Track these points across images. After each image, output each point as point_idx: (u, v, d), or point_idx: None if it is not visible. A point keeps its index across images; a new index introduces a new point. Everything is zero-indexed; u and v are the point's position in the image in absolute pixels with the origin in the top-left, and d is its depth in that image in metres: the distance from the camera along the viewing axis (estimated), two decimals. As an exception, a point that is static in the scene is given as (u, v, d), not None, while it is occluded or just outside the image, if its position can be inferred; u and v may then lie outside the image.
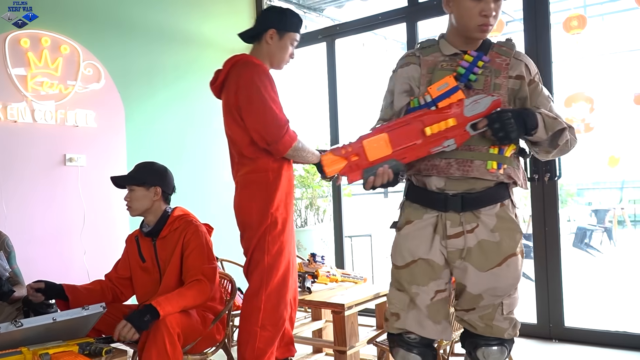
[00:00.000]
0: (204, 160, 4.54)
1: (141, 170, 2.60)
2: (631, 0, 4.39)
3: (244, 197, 2.51)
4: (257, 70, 2.43)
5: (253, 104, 2.39)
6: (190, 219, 2.58)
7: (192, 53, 4.51)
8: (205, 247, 2.48)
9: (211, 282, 2.41)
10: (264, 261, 2.46)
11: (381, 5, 5.28)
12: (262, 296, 2.45)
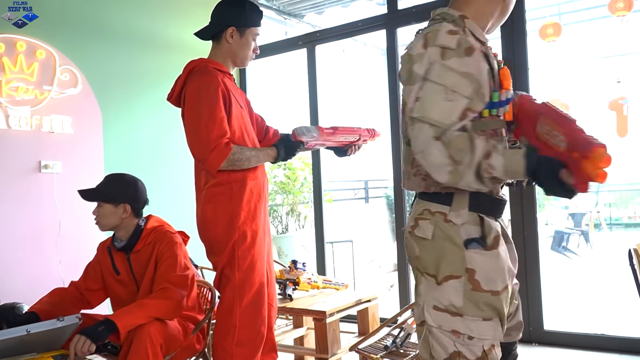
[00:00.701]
0: (183, 167, 4.48)
1: (110, 185, 2.49)
2: (604, 9, 4.47)
3: (208, 212, 2.36)
4: (204, 82, 2.29)
5: (190, 122, 2.29)
6: (164, 229, 2.51)
7: (172, 59, 4.47)
8: (177, 257, 2.41)
9: (181, 289, 2.34)
10: (235, 277, 2.33)
11: (361, 12, 5.32)
12: (237, 313, 2.34)
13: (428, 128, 1.48)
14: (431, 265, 1.58)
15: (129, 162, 4.07)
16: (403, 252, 4.28)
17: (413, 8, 4.23)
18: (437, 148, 1.47)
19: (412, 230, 1.62)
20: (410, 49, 1.59)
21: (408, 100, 1.55)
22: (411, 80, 1.54)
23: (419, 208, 1.63)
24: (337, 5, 5.49)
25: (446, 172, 1.47)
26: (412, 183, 1.65)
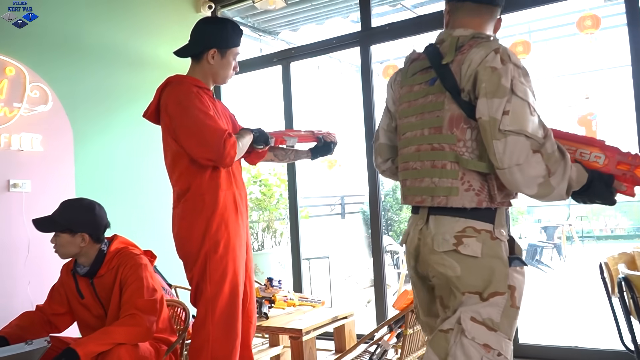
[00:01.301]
0: (157, 185, 4.44)
1: (66, 213, 2.40)
2: (573, 27, 4.59)
3: (183, 227, 2.34)
4: (183, 90, 2.30)
5: (188, 130, 2.25)
6: (128, 252, 2.45)
7: (147, 76, 4.44)
8: (143, 280, 2.35)
9: (149, 314, 2.28)
10: (207, 290, 2.31)
11: (336, 30, 5.36)
12: (209, 327, 2.30)
13: (525, 141, 1.51)
14: (478, 283, 1.58)
15: (101, 180, 4.01)
16: (380, 268, 4.29)
17: (386, 26, 4.29)
18: (536, 160, 1.51)
19: (457, 248, 1.60)
20: (488, 62, 1.58)
21: (491, 113, 1.55)
22: (499, 93, 1.54)
23: (457, 225, 1.62)
24: (311, 22, 5.53)
25: (536, 184, 1.53)
26: (462, 199, 1.62)
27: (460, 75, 1.62)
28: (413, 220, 1.79)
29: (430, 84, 1.71)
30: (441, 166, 1.65)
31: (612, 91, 5.94)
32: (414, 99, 1.77)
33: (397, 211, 9.45)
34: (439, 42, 1.77)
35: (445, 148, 1.65)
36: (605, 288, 2.34)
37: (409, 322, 2.41)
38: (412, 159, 1.75)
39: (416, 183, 1.73)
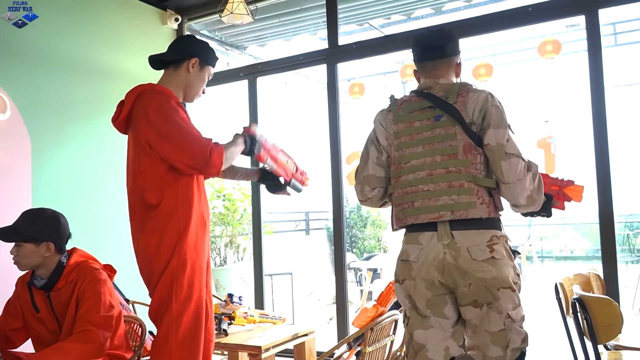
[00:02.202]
0: (117, 198, 4.34)
1: (29, 223, 2.33)
2: (534, 51, 4.72)
3: (153, 242, 2.25)
4: (164, 98, 2.26)
5: (170, 135, 2.19)
6: (87, 265, 2.40)
7: (108, 86, 4.37)
8: (101, 296, 2.30)
9: (104, 330, 2.23)
10: (172, 308, 2.23)
11: (303, 46, 5.39)
12: (173, 346, 2.22)
13: (521, 162, 2.01)
14: (506, 278, 2.00)
15: (59, 191, 3.91)
16: (342, 285, 4.29)
17: (353, 45, 4.34)
18: (529, 177, 2.03)
19: (493, 255, 1.99)
20: (492, 100, 2.08)
21: (498, 140, 2.01)
22: (502, 125, 2.03)
23: (485, 236, 2.01)
24: (279, 38, 5.55)
25: (525, 196, 2.03)
26: (479, 211, 2.01)
27: (465, 112, 2.06)
28: (425, 237, 2.07)
29: (436, 120, 2.10)
30: (459, 185, 2.03)
31: (570, 115, 6.13)
32: (417, 132, 2.13)
33: (361, 228, 9.48)
34: (426, 88, 2.18)
35: (462, 170, 2.04)
36: (560, 308, 2.38)
37: (368, 340, 2.40)
38: (422, 182, 2.08)
39: (430, 202, 2.06)
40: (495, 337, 2.03)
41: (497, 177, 2.04)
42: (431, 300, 2.06)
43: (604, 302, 2.00)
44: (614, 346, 2.57)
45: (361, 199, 2.32)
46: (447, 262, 2.01)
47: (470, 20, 3.95)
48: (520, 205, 2.06)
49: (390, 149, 2.20)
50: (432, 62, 2.21)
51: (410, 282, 2.09)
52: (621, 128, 9.21)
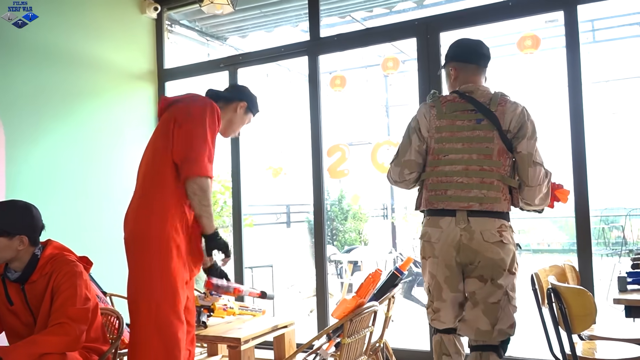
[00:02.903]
0: (94, 189, 4.30)
1: (1, 216, 2.29)
2: (514, 46, 4.75)
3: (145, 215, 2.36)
4: (213, 109, 2.43)
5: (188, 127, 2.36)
6: (63, 258, 2.36)
7: (85, 76, 4.31)
8: (76, 289, 2.27)
9: (80, 323, 2.21)
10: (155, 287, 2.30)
11: (285, 38, 5.36)
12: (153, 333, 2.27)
13: (543, 169, 2.42)
14: (510, 261, 2.37)
15: (33, 183, 3.84)
16: (322, 277, 4.29)
17: (335, 37, 4.33)
18: (546, 183, 2.45)
19: (501, 239, 2.36)
20: (528, 114, 2.45)
21: (529, 149, 2.40)
22: (534, 137, 2.42)
23: (496, 223, 2.38)
24: (260, 29, 5.51)
25: (540, 198, 2.45)
26: (502, 206, 2.40)
27: (503, 121, 2.41)
28: (445, 222, 2.42)
29: (477, 122, 2.43)
30: (489, 182, 2.39)
31: (548, 110, 6.21)
32: (458, 130, 2.46)
33: (342, 221, 9.51)
34: (468, 92, 2.50)
35: (494, 170, 2.40)
36: (535, 299, 2.42)
37: (347, 331, 2.41)
38: (458, 175, 2.43)
39: (462, 193, 2.40)
40: (488, 308, 2.36)
41: (521, 179, 2.43)
42: (449, 278, 2.44)
43: (578, 293, 2.03)
44: (588, 336, 2.62)
45: (397, 180, 2.63)
46: (462, 242, 2.38)
47: (452, 14, 3.97)
48: (533, 204, 2.48)
49: (430, 141, 2.52)
50: (477, 67, 2.55)
51: (434, 259, 2.46)
52: (598, 124, 9.36)
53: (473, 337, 2.42)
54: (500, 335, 2.36)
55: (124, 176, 4.53)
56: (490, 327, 2.34)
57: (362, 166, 5.35)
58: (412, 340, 4.42)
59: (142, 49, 4.83)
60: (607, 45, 8.51)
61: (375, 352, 3.03)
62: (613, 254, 9.35)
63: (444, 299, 2.47)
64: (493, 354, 2.37)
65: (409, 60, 7.20)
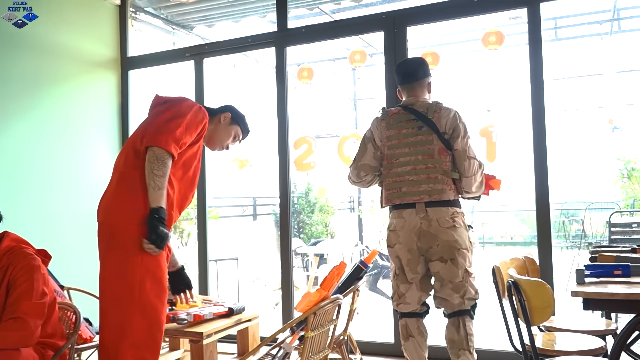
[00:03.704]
0: (56, 180, 4.19)
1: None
2: (479, 42, 4.81)
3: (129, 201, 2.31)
4: (199, 109, 2.46)
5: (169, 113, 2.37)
6: (20, 250, 2.29)
7: (45, 64, 4.18)
8: (33, 282, 2.21)
9: (35, 318, 2.16)
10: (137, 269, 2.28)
11: (253, 28, 5.30)
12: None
13: (476, 162, 2.88)
14: (463, 242, 2.84)
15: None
16: (288, 270, 4.28)
17: (303, 28, 4.30)
18: (480, 173, 2.91)
19: (454, 224, 2.83)
20: (459, 117, 2.91)
21: (463, 146, 2.87)
22: (466, 135, 2.89)
23: (449, 211, 2.84)
24: (227, 19, 5.43)
25: (475, 186, 2.90)
26: (448, 195, 2.86)
27: (439, 124, 2.89)
28: (407, 213, 2.88)
29: (419, 129, 2.92)
30: (434, 177, 2.86)
31: (511, 105, 6.32)
32: (404, 138, 2.94)
33: (309, 214, 9.51)
34: (409, 104, 2.98)
35: (437, 166, 2.87)
36: (496, 291, 2.46)
37: (311, 325, 2.40)
38: (408, 174, 2.90)
39: (413, 189, 2.88)
40: (455, 287, 2.84)
41: (460, 171, 2.88)
42: (411, 260, 2.89)
43: (537, 285, 2.07)
44: (547, 328, 2.68)
45: (356, 181, 3.09)
46: (422, 229, 2.84)
47: (418, 8, 3.99)
48: (471, 191, 2.92)
49: (384, 148, 3.00)
50: (409, 84, 3.02)
51: (399, 245, 2.90)
52: (559, 119, 9.57)
53: (449, 309, 2.89)
54: (469, 302, 2.87)
55: (87, 166, 4.42)
56: (461, 299, 2.85)
57: (329, 159, 5.35)
58: (377, 333, 4.45)
59: (105, 36, 4.71)
60: (569, 43, 8.70)
61: (339, 345, 3.04)
62: (573, 246, 9.59)
63: (410, 281, 2.92)
64: (467, 316, 2.87)
65: (377, 54, 7.22)
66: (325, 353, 2.65)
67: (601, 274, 2.15)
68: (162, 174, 2.29)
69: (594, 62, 9.04)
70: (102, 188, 2.45)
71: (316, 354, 2.54)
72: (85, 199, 4.31)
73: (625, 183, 8.42)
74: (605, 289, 1.99)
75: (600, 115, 9.26)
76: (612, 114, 9.09)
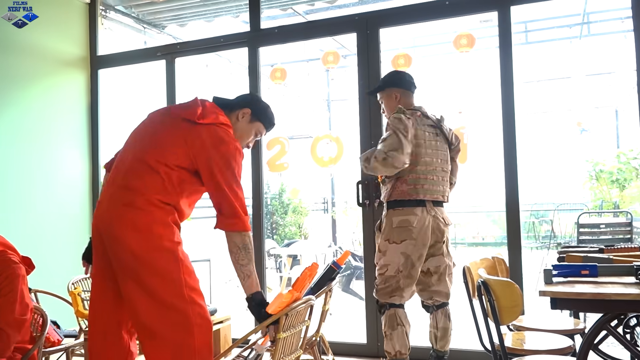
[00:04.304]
0: (23, 180, 4.09)
1: None
2: (450, 45, 4.86)
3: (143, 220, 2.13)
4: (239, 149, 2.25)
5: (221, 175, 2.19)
6: (6, 257, 2.25)
7: (13, 62, 4.08)
8: (17, 294, 2.18)
9: (15, 332, 2.15)
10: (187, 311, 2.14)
11: (226, 28, 5.26)
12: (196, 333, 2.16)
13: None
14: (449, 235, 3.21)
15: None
16: (261, 272, 4.25)
17: (276, 29, 4.29)
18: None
19: (448, 223, 3.14)
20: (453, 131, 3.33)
21: (458, 158, 3.36)
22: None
23: (445, 210, 3.16)
24: (200, 18, 5.38)
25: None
26: (449, 198, 3.23)
27: (448, 136, 3.22)
28: (419, 210, 3.03)
29: (436, 135, 3.16)
30: (447, 180, 3.17)
31: (482, 107, 6.41)
32: (427, 140, 3.12)
33: (282, 215, 9.48)
34: (424, 111, 3.19)
35: (447, 171, 3.18)
36: (466, 291, 2.48)
37: (283, 326, 2.39)
38: (431, 174, 3.08)
39: (434, 187, 3.09)
40: (450, 277, 3.15)
41: (454, 179, 3.29)
42: (422, 256, 3.04)
43: (505, 285, 2.09)
44: (517, 327, 2.71)
45: (398, 166, 3.00)
46: (433, 226, 3.04)
47: (391, 10, 4.01)
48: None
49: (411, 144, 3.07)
50: (413, 93, 3.28)
51: (411, 241, 3.01)
52: (529, 122, 9.74)
53: (443, 299, 3.13)
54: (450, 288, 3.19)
55: (56, 167, 4.33)
56: (449, 289, 3.15)
57: (303, 160, 5.34)
58: (349, 334, 4.46)
59: (75, 34, 4.63)
60: (539, 46, 8.86)
61: (311, 346, 3.03)
62: (542, 247, 9.76)
63: (413, 276, 3.05)
64: (448, 305, 3.18)
65: (350, 55, 7.24)
66: (298, 354, 2.63)
67: (569, 274, 2.18)
68: (247, 262, 2.23)
69: (564, 66, 9.21)
70: (70, 189, 2.40)
71: (288, 355, 2.53)
72: (54, 200, 4.22)
73: (593, 184, 8.61)
74: (572, 288, 2.02)
75: (569, 118, 9.45)
76: (581, 117, 9.28)
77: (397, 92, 3.24)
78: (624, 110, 10.21)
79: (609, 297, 1.88)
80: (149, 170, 2.15)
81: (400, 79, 3.28)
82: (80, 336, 3.11)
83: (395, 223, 3.05)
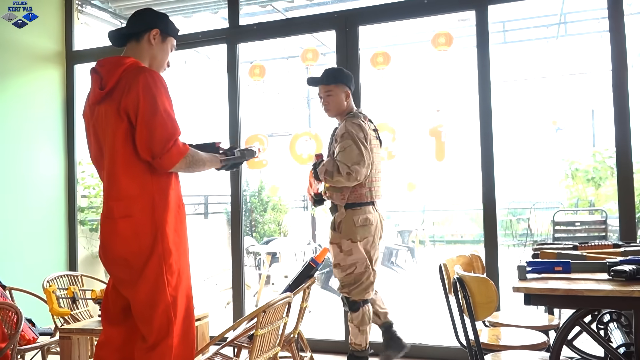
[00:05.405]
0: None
1: None
2: (429, 43, 4.89)
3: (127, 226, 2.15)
4: (153, 77, 2.17)
5: (145, 112, 2.12)
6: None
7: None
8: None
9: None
10: (166, 295, 2.17)
11: (204, 25, 5.23)
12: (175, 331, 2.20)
13: None
14: None
15: None
16: (239, 269, 4.25)
17: (255, 25, 4.28)
18: None
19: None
20: None
21: None
22: None
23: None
24: (178, 14, 5.33)
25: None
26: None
27: (380, 138, 3.42)
28: (372, 208, 3.23)
29: (377, 139, 3.35)
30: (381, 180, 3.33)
31: (460, 106, 6.46)
32: (375, 145, 3.28)
33: (261, 212, 9.46)
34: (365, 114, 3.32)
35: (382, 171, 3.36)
36: (443, 287, 2.51)
37: (261, 323, 2.39)
38: (376, 176, 3.26)
39: (379, 188, 3.29)
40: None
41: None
42: (377, 250, 3.27)
43: (481, 281, 2.12)
44: (492, 323, 2.75)
45: (361, 180, 3.13)
46: (381, 223, 3.29)
47: (370, 8, 4.03)
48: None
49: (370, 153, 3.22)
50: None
51: (369, 238, 3.20)
52: (506, 120, 9.84)
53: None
54: None
55: (30, 163, 4.26)
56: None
57: (282, 157, 5.32)
58: (328, 331, 4.47)
59: (50, 29, 4.55)
60: (517, 46, 8.96)
61: (289, 343, 3.04)
62: (519, 244, 9.89)
63: (376, 270, 3.26)
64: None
65: (329, 53, 7.24)
66: (275, 351, 2.64)
67: (542, 270, 2.21)
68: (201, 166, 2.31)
69: (541, 65, 9.33)
70: (46, 185, 2.37)
71: (266, 352, 2.53)
72: (29, 196, 4.15)
73: (569, 183, 8.73)
74: (546, 284, 2.05)
75: (546, 117, 9.58)
76: (557, 116, 9.42)
77: (348, 91, 3.27)
78: (599, 110, 10.38)
79: (581, 293, 1.91)
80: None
81: (351, 78, 3.31)
82: (55, 334, 3.07)
83: (358, 222, 3.17)
